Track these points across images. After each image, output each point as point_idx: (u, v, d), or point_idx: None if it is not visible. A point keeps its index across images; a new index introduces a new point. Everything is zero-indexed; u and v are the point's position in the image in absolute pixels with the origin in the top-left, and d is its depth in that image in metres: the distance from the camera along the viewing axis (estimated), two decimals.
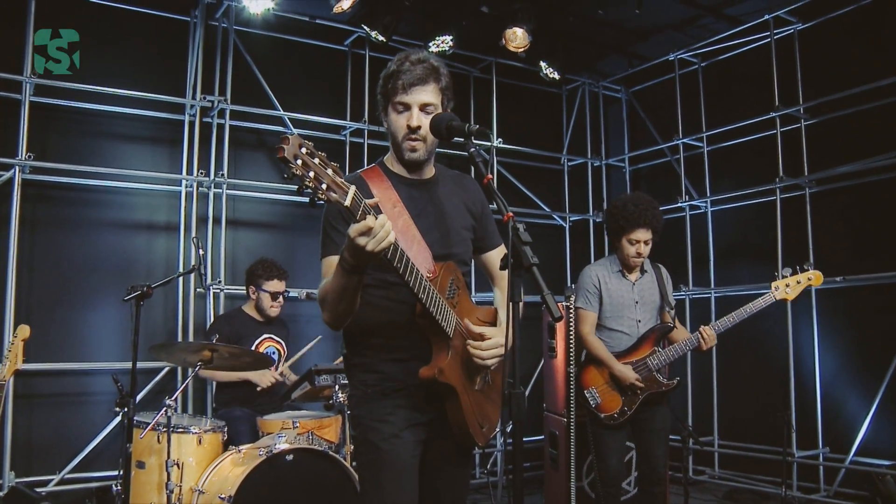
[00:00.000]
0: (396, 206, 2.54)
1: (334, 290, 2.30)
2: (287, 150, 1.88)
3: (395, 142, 2.60)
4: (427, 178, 2.70)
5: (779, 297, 4.51)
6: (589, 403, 4.58)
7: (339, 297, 2.31)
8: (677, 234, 7.52)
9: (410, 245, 2.48)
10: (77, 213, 5.86)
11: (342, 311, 2.38)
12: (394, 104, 2.54)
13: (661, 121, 8.07)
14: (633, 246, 4.54)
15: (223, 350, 4.17)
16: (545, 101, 8.46)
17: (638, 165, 8.58)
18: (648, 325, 4.62)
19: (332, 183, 1.98)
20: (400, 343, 2.53)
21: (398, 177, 2.64)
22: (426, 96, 2.52)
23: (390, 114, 2.57)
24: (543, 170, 8.34)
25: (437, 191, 2.69)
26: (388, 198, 2.54)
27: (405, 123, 2.52)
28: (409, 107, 2.51)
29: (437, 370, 2.38)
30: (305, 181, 1.91)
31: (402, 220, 2.52)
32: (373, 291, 2.53)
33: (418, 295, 2.29)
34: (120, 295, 5.87)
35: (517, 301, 2.04)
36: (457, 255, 2.63)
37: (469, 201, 2.77)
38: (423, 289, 2.30)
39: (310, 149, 1.94)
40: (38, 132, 5.64)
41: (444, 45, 6.72)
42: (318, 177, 1.94)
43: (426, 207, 2.62)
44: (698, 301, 7.38)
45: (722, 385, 7.16)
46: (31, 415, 5.52)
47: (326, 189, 1.96)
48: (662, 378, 4.51)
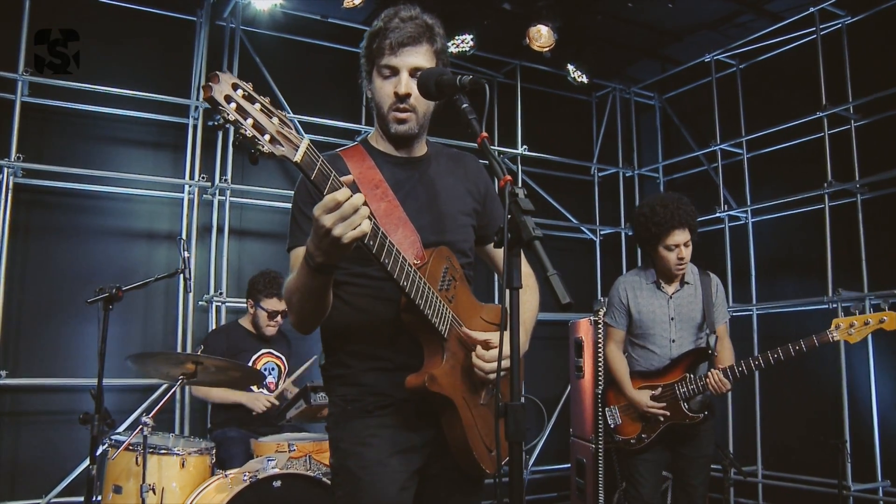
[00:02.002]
0: (379, 187, 2.14)
1: (299, 289, 1.92)
2: (216, 89, 1.50)
3: (379, 113, 2.20)
4: (418, 155, 2.30)
5: (838, 337, 3.87)
6: (608, 422, 4.13)
7: (304, 298, 1.93)
8: (716, 248, 7.06)
9: (395, 229, 2.07)
10: (73, 219, 5.57)
11: (309, 314, 2.01)
12: (379, 68, 2.15)
13: (697, 127, 7.65)
14: (673, 252, 4.05)
15: (208, 363, 3.77)
16: (574, 107, 8.11)
17: (672, 175, 8.14)
18: (686, 346, 4.12)
19: (278, 133, 1.59)
20: (386, 349, 2.11)
21: (383, 155, 2.25)
22: (418, 58, 2.12)
23: (375, 80, 2.18)
24: (572, 180, 7.96)
25: (429, 170, 2.29)
26: (370, 178, 2.15)
27: (392, 91, 2.13)
28: (396, 71, 2.12)
29: (426, 377, 1.95)
30: (241, 129, 1.53)
31: (386, 202, 2.12)
32: (353, 288, 2.14)
33: (399, 282, 1.88)
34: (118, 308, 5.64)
35: (516, 287, 1.60)
36: (453, 243, 2.21)
37: (470, 182, 2.35)
38: (406, 276, 1.89)
39: (247, 91, 1.56)
40: (34, 134, 5.39)
41: (464, 45, 6.35)
42: (259, 125, 1.55)
43: (415, 189, 2.22)
44: (739, 319, 6.86)
45: (766, 409, 6.60)
46: (18, 434, 5.21)
47: (270, 141, 1.57)
48: (690, 409, 4.00)
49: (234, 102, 1.53)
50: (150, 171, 5.77)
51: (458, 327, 2.09)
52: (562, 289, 1.51)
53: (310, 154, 1.65)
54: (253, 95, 1.57)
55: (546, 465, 7.10)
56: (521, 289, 1.67)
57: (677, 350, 4.10)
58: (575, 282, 7.61)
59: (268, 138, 1.57)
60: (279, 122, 1.61)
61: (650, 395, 4.04)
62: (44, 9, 5.35)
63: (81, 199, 5.58)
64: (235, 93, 1.54)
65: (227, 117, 1.52)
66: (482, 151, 1.87)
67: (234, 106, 1.53)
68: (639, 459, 4.07)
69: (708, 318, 4.14)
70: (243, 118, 1.54)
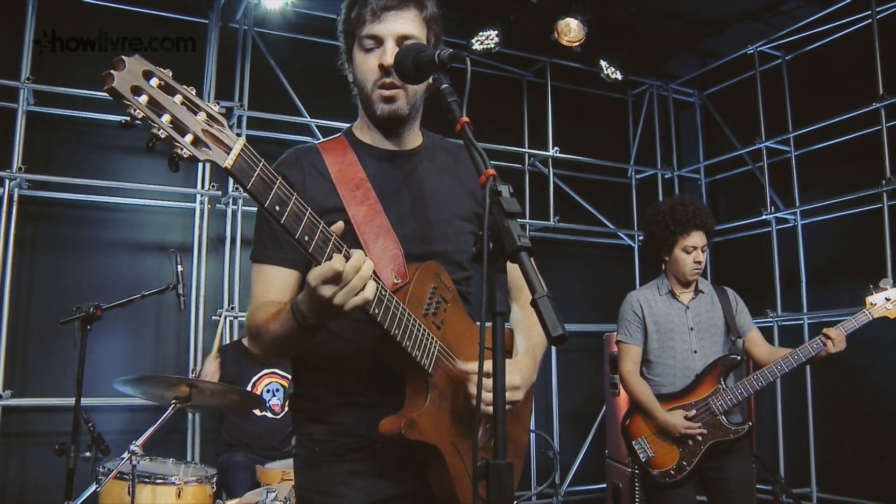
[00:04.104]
0: (360, 187, 1.82)
1: (278, 337, 1.64)
2: (119, 77, 1.20)
3: (363, 94, 1.88)
4: (409, 148, 1.96)
5: (877, 315, 3.65)
6: (639, 457, 3.70)
7: (282, 345, 1.68)
8: (763, 252, 6.70)
9: (373, 240, 1.75)
10: (81, 232, 5.38)
11: (282, 355, 1.76)
12: (360, 40, 1.83)
13: (741, 124, 7.27)
14: (690, 255, 3.74)
15: (204, 386, 3.48)
16: (609, 106, 7.76)
17: (715, 176, 7.78)
18: (710, 356, 3.73)
19: (204, 133, 1.29)
20: (363, 382, 1.79)
21: (367, 147, 1.92)
22: (405, 25, 1.81)
23: (356, 55, 1.86)
24: (608, 183, 7.62)
25: (421, 166, 1.95)
26: (350, 177, 1.83)
27: (376, 64, 1.80)
28: (381, 41, 1.81)
29: (403, 422, 1.61)
30: (154, 129, 1.24)
31: (367, 206, 1.79)
32: None
33: (369, 310, 1.54)
34: (128, 324, 5.44)
35: (499, 313, 1.25)
36: (445, 254, 1.87)
37: (471, 181, 2.00)
38: (378, 302, 1.56)
39: (164, 79, 1.26)
40: (40, 144, 5.22)
41: (489, 41, 6.02)
42: (179, 122, 1.26)
43: (403, 188, 1.89)
44: (789, 328, 6.43)
45: (819, 425, 6.16)
46: (25, 455, 5.02)
47: (193, 143, 1.28)
48: (730, 422, 3.60)
49: (146, 94, 1.23)
50: (160, 180, 5.54)
51: (449, 361, 1.75)
52: (553, 317, 1.15)
53: (245, 158, 1.35)
54: (172, 85, 1.28)
55: (582, 486, 6.73)
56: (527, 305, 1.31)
57: (701, 362, 3.72)
58: (612, 291, 7.21)
59: (189, 139, 1.27)
60: (207, 118, 1.31)
61: (684, 416, 3.64)
62: (49, 15, 5.16)
63: (89, 210, 5.39)
64: (148, 82, 1.24)
65: (133, 114, 1.22)
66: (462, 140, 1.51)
67: (146, 99, 1.23)
68: (674, 494, 3.64)
69: (731, 324, 3.79)
70: (157, 114, 1.24)
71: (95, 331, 5.18)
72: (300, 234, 1.42)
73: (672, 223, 3.75)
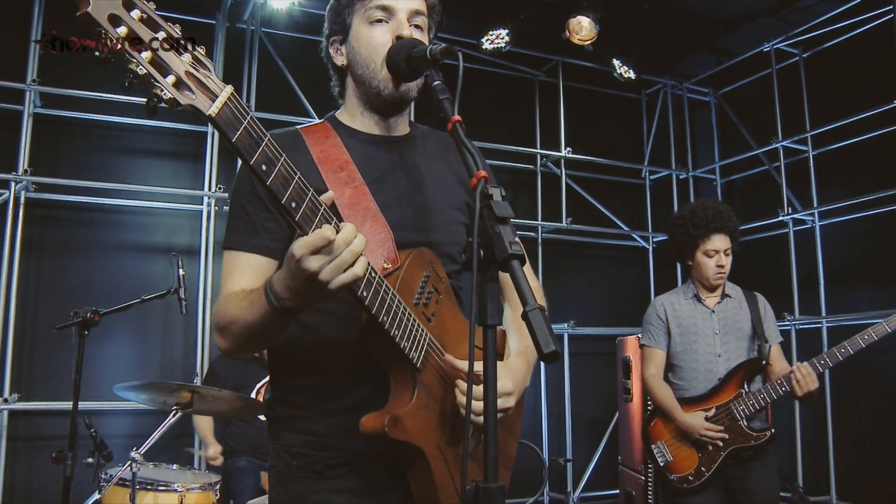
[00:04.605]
0: (344, 169, 1.70)
1: (249, 326, 1.51)
2: (95, 3, 1.09)
3: (367, 72, 1.74)
4: (398, 134, 1.86)
5: None
6: (657, 461, 3.62)
7: (253, 336, 1.55)
8: (779, 254, 6.53)
9: (360, 222, 1.64)
10: (88, 235, 5.35)
11: (252, 347, 1.63)
12: (367, 11, 1.72)
13: (757, 123, 7.13)
14: (712, 258, 3.70)
15: (205, 392, 3.41)
16: (622, 106, 7.64)
17: (731, 176, 7.65)
18: (735, 360, 3.66)
19: (187, 75, 1.18)
20: (344, 381, 1.67)
21: (352, 132, 1.81)
22: (416, 2, 1.73)
23: (359, 29, 1.74)
24: (621, 184, 7.51)
25: (411, 152, 1.85)
26: (333, 158, 1.71)
27: (391, 37, 1.69)
28: (392, 13, 1.71)
29: (386, 419, 1.50)
30: (132, 64, 1.12)
31: (352, 189, 1.68)
32: None
33: (357, 292, 1.43)
34: (135, 327, 5.39)
35: (491, 325, 1.17)
36: (439, 244, 1.76)
37: (463, 171, 1.83)
38: (367, 284, 1.44)
39: (148, 12, 1.15)
40: (47, 147, 5.20)
41: (499, 40, 5.94)
42: (160, 61, 1.15)
43: (393, 173, 1.78)
44: (807, 332, 6.28)
45: (839, 430, 6.01)
46: (31, 460, 4.98)
47: (175, 84, 1.17)
48: (752, 428, 3.50)
49: (125, 26, 1.11)
50: (167, 182, 5.50)
51: (438, 355, 1.64)
52: (545, 331, 1.06)
53: (232, 108, 1.23)
54: (156, 20, 1.16)
55: (595, 492, 6.62)
56: None
57: (725, 366, 3.66)
58: (626, 293, 7.15)
59: (171, 80, 1.16)
60: (192, 60, 1.20)
61: (704, 418, 3.56)
62: (55, 17, 5.12)
63: (97, 213, 5.36)
64: (130, 14, 1.12)
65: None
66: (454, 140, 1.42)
67: (125, 31, 1.11)
68: (693, 501, 3.55)
69: (759, 329, 3.70)
70: (136, 49, 1.12)
71: (103, 334, 5.16)
72: (287, 200, 1.30)
73: (692, 227, 3.71)
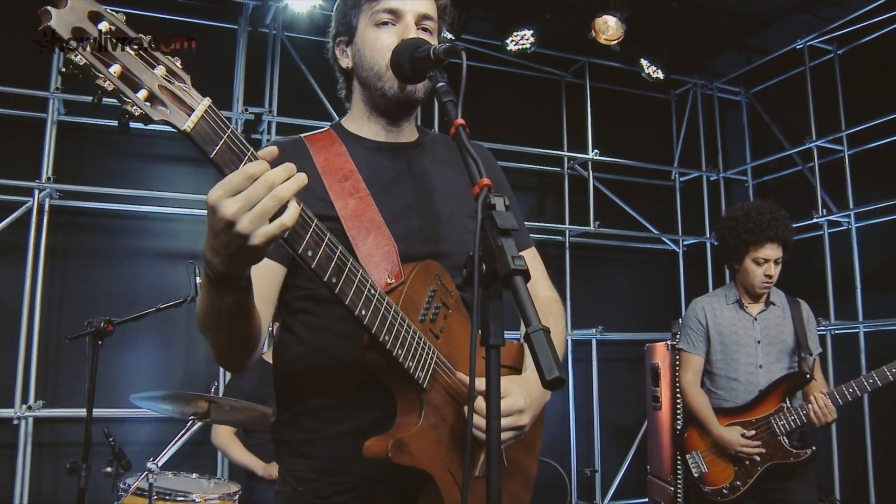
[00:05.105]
0: (349, 178, 1.63)
1: (206, 312, 1.37)
2: (58, 16, 1.00)
3: (372, 74, 1.67)
4: (405, 140, 1.78)
5: None
6: (691, 471, 3.50)
7: (214, 325, 1.39)
8: (814, 257, 6.35)
9: (364, 235, 1.56)
10: (113, 241, 5.36)
11: (226, 347, 1.46)
12: (373, 14, 1.65)
13: (790, 123, 6.95)
14: (761, 267, 3.53)
15: (222, 402, 3.36)
16: (650, 107, 7.51)
17: (763, 178, 7.47)
18: (776, 373, 3.52)
19: (161, 89, 1.10)
20: (352, 407, 1.59)
21: (359, 139, 1.74)
22: (425, 4, 1.65)
23: (365, 32, 1.67)
24: (650, 186, 7.36)
25: (419, 159, 1.77)
26: (338, 168, 1.64)
27: (397, 40, 1.62)
28: (399, 16, 1.64)
29: (390, 444, 1.41)
30: (99, 80, 1.04)
31: (356, 199, 1.60)
32: (309, 318, 1.63)
33: (355, 311, 1.35)
34: (159, 334, 5.38)
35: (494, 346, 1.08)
36: (451, 255, 1.66)
37: None
38: (365, 300, 1.36)
39: (117, 24, 1.07)
40: (71, 154, 5.22)
41: (524, 41, 5.84)
42: (130, 75, 1.07)
43: (401, 181, 1.70)
44: (843, 338, 6.10)
45: (878, 442, 5.82)
46: (56, 466, 4.99)
47: (147, 98, 1.08)
48: (791, 445, 3.36)
49: (92, 40, 1.03)
50: (190, 188, 5.48)
51: (448, 374, 1.56)
52: (549, 356, 0.97)
53: (210, 122, 1.14)
54: (126, 32, 1.08)
55: (624, 500, 6.49)
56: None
57: (766, 378, 3.52)
58: (655, 299, 7.01)
59: (143, 95, 1.08)
60: (166, 73, 1.12)
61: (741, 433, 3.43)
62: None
63: (120, 219, 5.36)
64: (96, 26, 1.04)
65: (75, 60, 1.01)
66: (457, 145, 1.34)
67: (92, 44, 1.03)
68: None
69: (802, 340, 3.54)
70: (105, 63, 1.04)
71: (127, 341, 5.18)
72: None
73: (744, 231, 3.53)
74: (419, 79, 1.55)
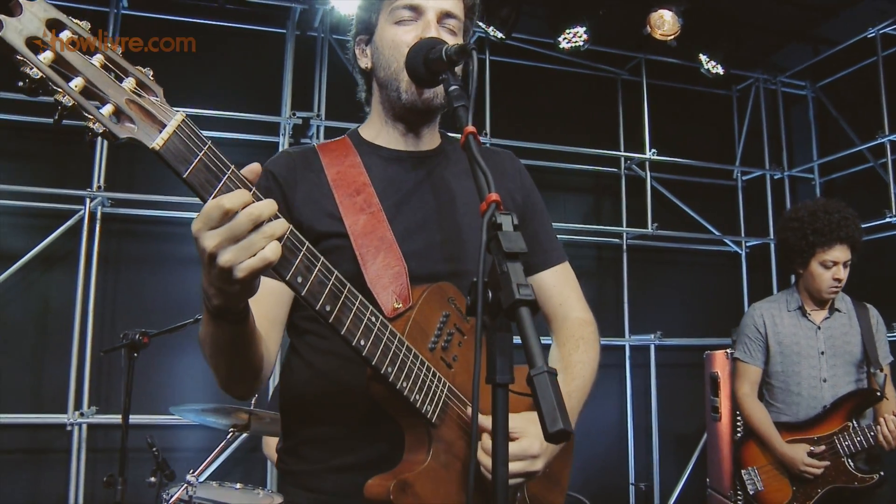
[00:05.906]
0: (361, 192, 1.52)
1: (206, 340, 1.32)
2: (11, 25, 0.91)
3: (388, 75, 1.57)
4: (426, 149, 1.66)
5: None
6: (746, 488, 3.29)
7: (214, 353, 1.33)
8: (886, 259, 6.04)
9: (373, 255, 1.45)
10: (165, 248, 5.39)
11: (227, 375, 1.39)
12: (393, 11, 1.55)
13: (860, 117, 6.61)
14: (829, 270, 3.30)
15: (262, 414, 3.31)
16: (710, 104, 7.23)
17: (831, 175, 7.11)
18: (843, 387, 3.28)
19: (129, 104, 1.01)
20: (359, 438, 1.48)
21: (376, 148, 1.63)
22: (448, 2, 1.54)
23: (384, 30, 1.57)
24: (712, 186, 7.09)
25: (440, 169, 1.64)
26: (350, 181, 1.53)
27: (414, 37, 1.52)
28: (420, 12, 1.53)
29: (393, 485, 1.30)
30: (58, 95, 0.95)
31: (367, 215, 1.49)
32: (315, 341, 1.53)
33: (353, 342, 1.25)
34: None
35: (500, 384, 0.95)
36: (470, 273, 1.54)
37: (503, 188, 1.65)
38: (365, 331, 1.26)
39: (80, 32, 0.97)
40: (123, 163, 5.26)
41: (576, 39, 5.66)
42: (94, 88, 0.97)
43: (415, 194, 1.58)
44: None
45: None
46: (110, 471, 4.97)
47: (113, 113, 0.99)
48: (857, 468, 3.13)
49: (49, 51, 0.94)
50: None
51: (460, 407, 1.44)
52: (552, 403, 0.84)
53: (182, 137, 1.05)
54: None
55: None
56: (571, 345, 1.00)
57: (831, 393, 3.28)
58: (716, 302, 6.73)
59: (108, 110, 0.98)
60: (135, 85, 1.02)
61: (807, 452, 3.21)
62: (127, 30, 5.18)
63: (172, 226, 5.39)
64: (58, 35, 0.95)
65: (30, 74, 0.92)
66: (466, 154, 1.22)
67: (50, 57, 0.94)
68: None
69: (871, 352, 3.27)
70: (65, 77, 0.95)
71: (180, 345, 5.19)
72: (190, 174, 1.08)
73: (811, 232, 3.31)
74: (434, 82, 1.43)
